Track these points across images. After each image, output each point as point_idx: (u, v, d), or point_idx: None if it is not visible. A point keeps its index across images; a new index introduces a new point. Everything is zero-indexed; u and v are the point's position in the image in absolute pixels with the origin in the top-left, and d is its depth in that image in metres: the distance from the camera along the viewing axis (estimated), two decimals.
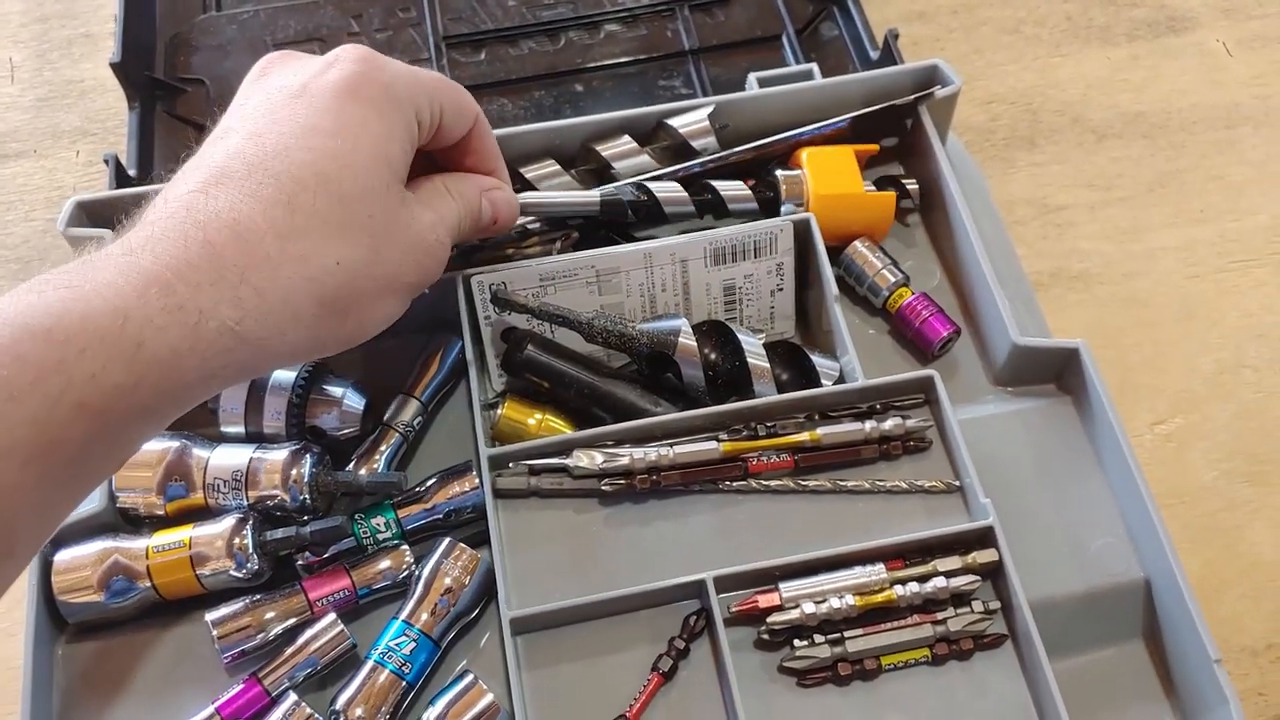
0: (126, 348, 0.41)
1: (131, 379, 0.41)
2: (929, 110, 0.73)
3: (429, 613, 0.58)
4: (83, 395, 0.39)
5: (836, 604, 0.58)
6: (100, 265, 0.42)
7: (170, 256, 0.43)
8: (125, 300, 0.41)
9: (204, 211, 0.45)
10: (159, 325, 0.42)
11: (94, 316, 0.40)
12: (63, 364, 0.39)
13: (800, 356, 0.67)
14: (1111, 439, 0.63)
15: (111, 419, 0.41)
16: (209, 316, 0.43)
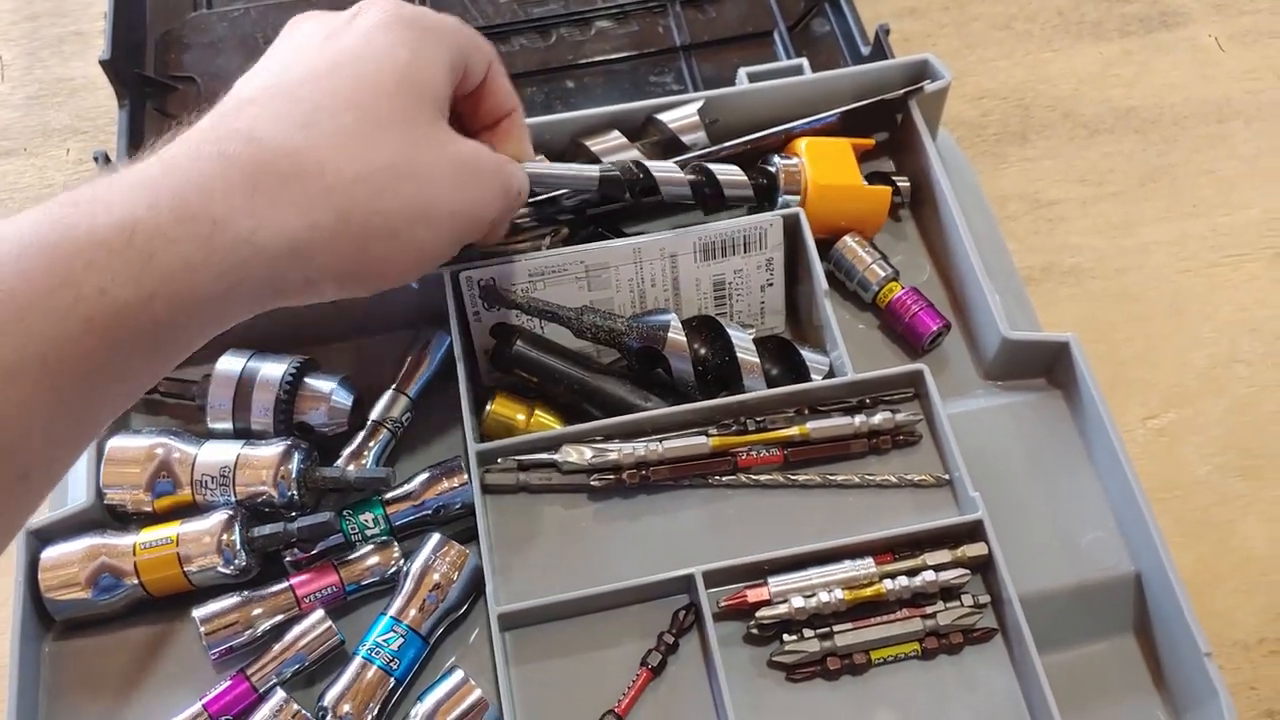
0: (136, 260, 0.39)
1: (143, 293, 0.40)
2: (919, 105, 0.73)
3: (417, 609, 0.58)
4: (91, 310, 0.38)
5: (825, 598, 0.58)
6: (112, 182, 0.41)
7: (183, 169, 0.42)
8: (134, 211, 0.40)
9: (221, 129, 0.45)
10: (170, 236, 0.40)
11: (101, 229, 0.39)
12: (70, 278, 0.38)
13: (790, 351, 0.67)
14: (1102, 432, 0.63)
15: (123, 335, 0.40)
16: (223, 226, 0.42)
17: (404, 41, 0.50)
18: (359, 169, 0.46)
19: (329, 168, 0.45)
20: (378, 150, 0.47)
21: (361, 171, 0.46)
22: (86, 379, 0.39)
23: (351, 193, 0.46)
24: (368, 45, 0.49)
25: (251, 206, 0.43)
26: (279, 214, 0.44)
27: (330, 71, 0.48)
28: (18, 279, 0.37)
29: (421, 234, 0.49)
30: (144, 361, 0.42)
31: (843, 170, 0.69)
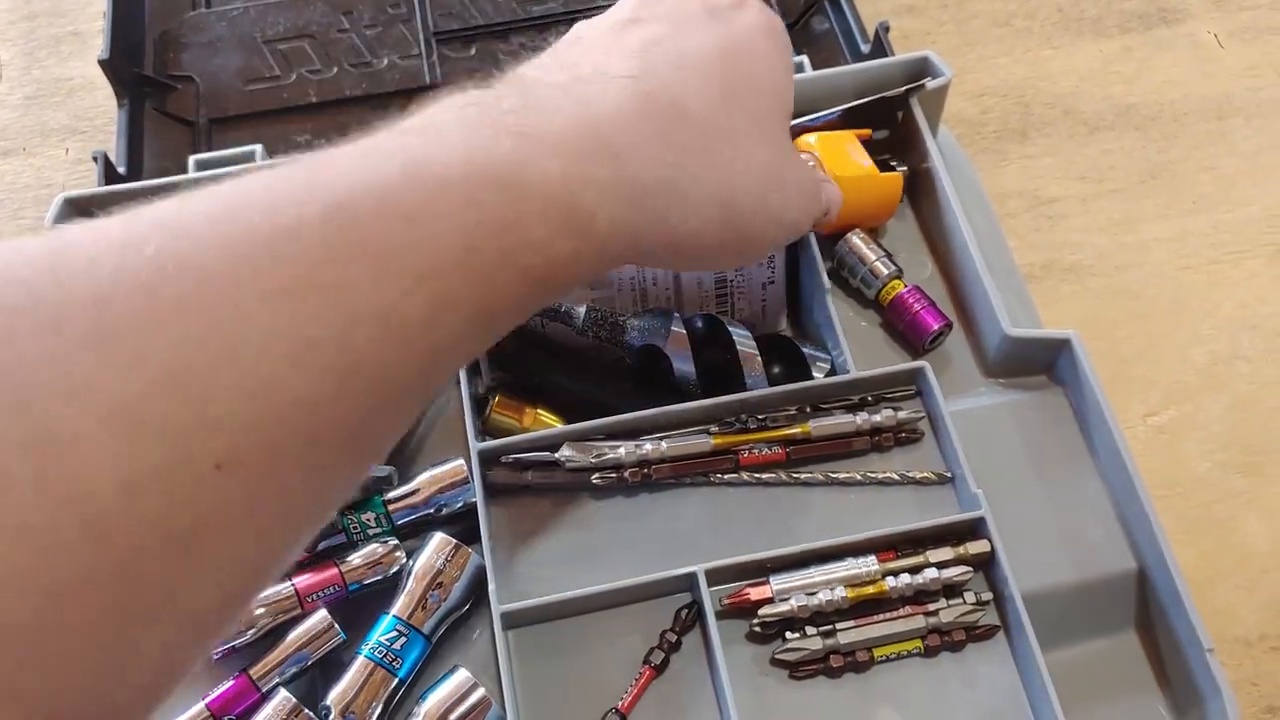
0: (581, 218, 0.39)
1: (580, 245, 0.39)
2: (920, 102, 0.73)
3: (420, 608, 0.58)
4: (528, 260, 0.37)
5: (828, 596, 0.58)
6: (551, 110, 0.40)
7: (614, 118, 0.42)
8: (582, 164, 0.39)
9: (647, 82, 0.44)
10: (606, 193, 0.40)
11: (551, 179, 0.38)
12: (519, 222, 0.37)
13: (792, 349, 0.67)
14: (1103, 429, 0.63)
15: (542, 291, 0.39)
16: (650, 194, 0.42)
17: (780, 52, 0.51)
18: (749, 164, 0.47)
19: (729, 157, 0.46)
20: (761, 150, 0.48)
21: (750, 167, 0.47)
22: (497, 322, 0.39)
23: (738, 185, 0.47)
24: (754, 43, 0.50)
25: (665, 177, 0.43)
26: (681, 190, 0.44)
27: (723, 56, 0.48)
28: (471, 211, 0.36)
29: (771, 235, 0.51)
30: (537, 308, 0.42)
31: (855, 160, 0.70)
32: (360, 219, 0.34)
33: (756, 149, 0.48)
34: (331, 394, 0.32)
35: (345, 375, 0.33)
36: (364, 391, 0.33)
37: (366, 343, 0.33)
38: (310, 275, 0.32)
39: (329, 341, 0.32)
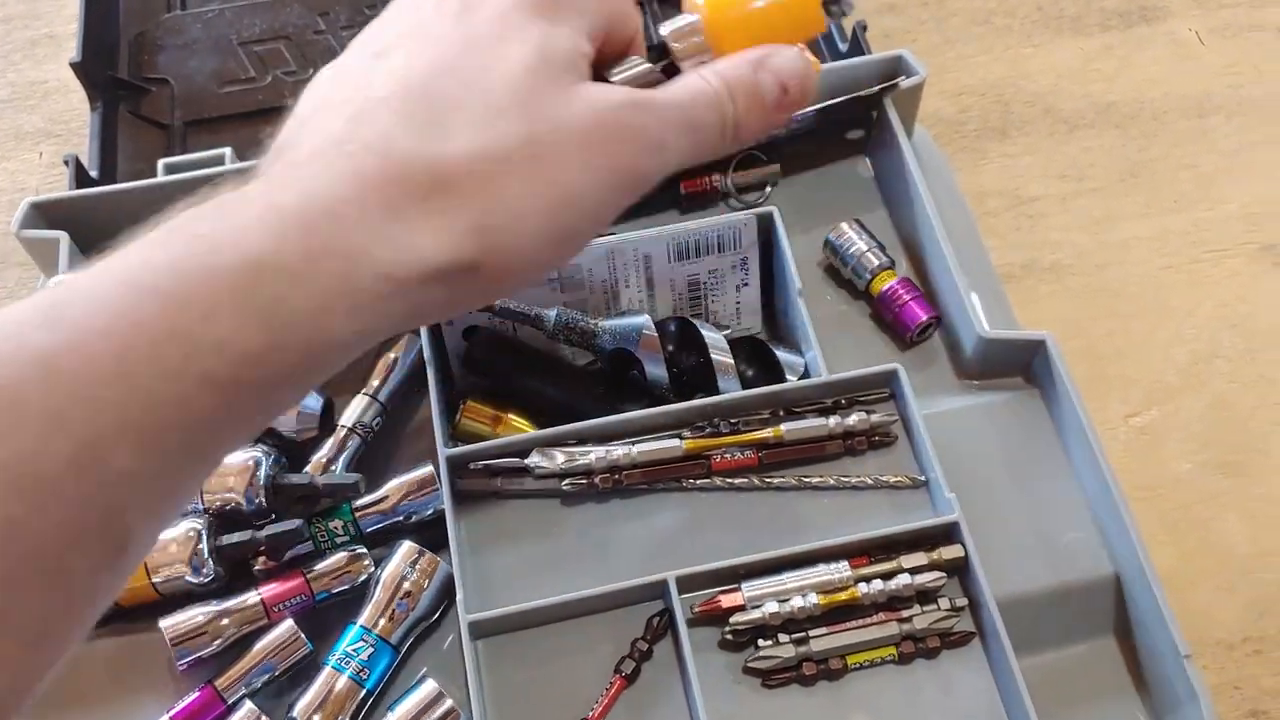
0: (262, 305, 0.34)
1: (267, 342, 0.35)
2: (895, 101, 0.73)
3: (387, 618, 0.57)
4: (210, 366, 0.33)
5: (800, 603, 0.57)
6: (233, 205, 0.36)
7: (312, 192, 0.37)
8: (260, 246, 0.35)
9: (354, 141, 0.39)
10: (298, 275, 0.35)
11: (222, 272, 0.34)
12: (186, 330, 0.33)
13: (765, 352, 0.66)
14: (1079, 432, 0.62)
15: (243, 391, 0.35)
16: (360, 261, 0.37)
17: (541, 14, 0.44)
18: (489, 168, 0.40)
19: (461, 174, 0.40)
20: (503, 140, 0.41)
21: (491, 170, 0.40)
22: (198, 440, 0.34)
23: (486, 198, 0.40)
24: (503, 25, 0.43)
25: (390, 233, 0.37)
26: (419, 240, 0.38)
27: (459, 57, 0.42)
28: (126, 332, 0.32)
29: (565, 220, 0.42)
30: (261, 413, 0.37)
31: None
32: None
33: (497, 144, 0.41)
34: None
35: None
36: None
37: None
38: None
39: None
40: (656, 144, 0.44)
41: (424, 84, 0.41)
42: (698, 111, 0.45)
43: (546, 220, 0.41)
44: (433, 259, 0.38)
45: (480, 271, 0.40)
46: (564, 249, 0.44)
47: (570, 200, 0.42)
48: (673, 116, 0.44)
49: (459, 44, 0.43)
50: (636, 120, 0.43)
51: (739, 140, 0.47)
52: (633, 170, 0.43)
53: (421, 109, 0.40)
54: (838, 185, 0.74)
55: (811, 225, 0.72)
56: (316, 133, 0.40)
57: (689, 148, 0.45)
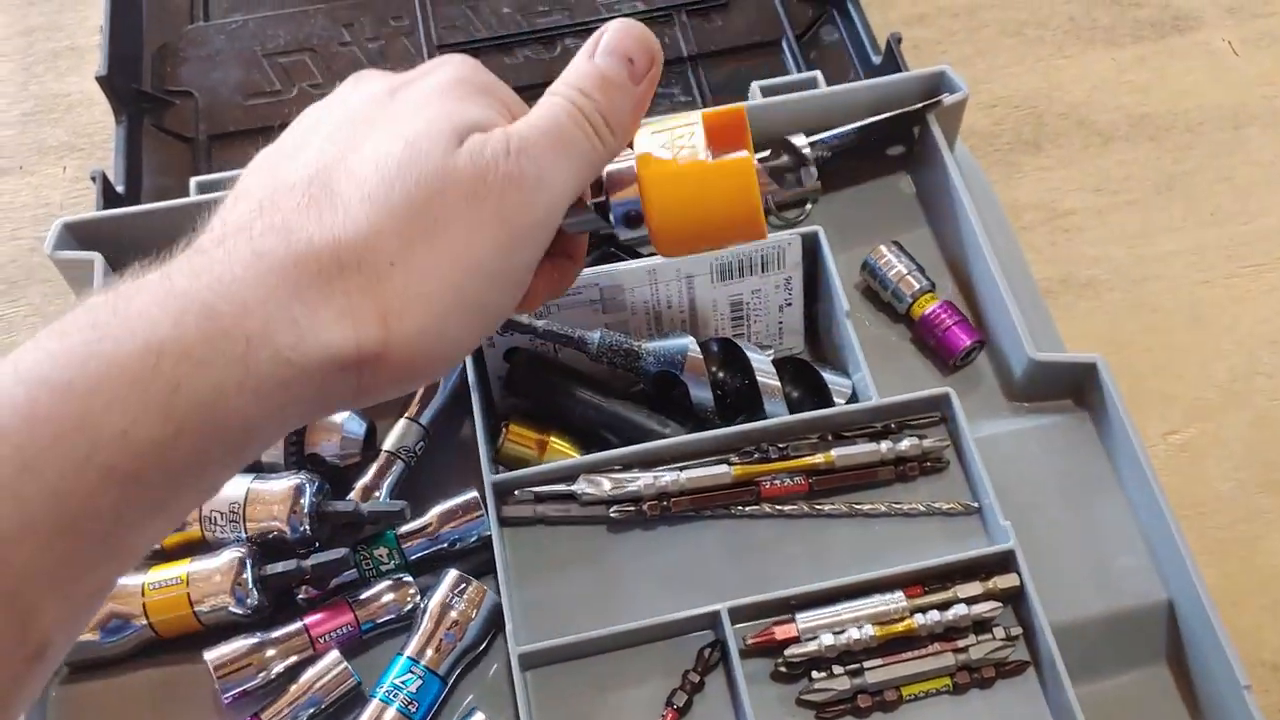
0: (161, 392, 0.34)
1: (170, 429, 0.34)
2: (937, 117, 0.72)
3: (434, 649, 0.57)
4: (112, 457, 0.33)
5: (855, 634, 0.56)
6: (132, 295, 0.35)
7: (212, 274, 0.36)
8: (158, 333, 0.34)
9: (258, 225, 0.38)
10: (199, 359, 0.35)
11: (122, 359, 0.34)
12: (86, 422, 0.33)
13: (811, 373, 0.66)
14: (1131, 456, 0.61)
15: (150, 479, 0.34)
16: (260, 343, 0.36)
17: (460, 96, 0.43)
18: (388, 244, 0.39)
19: (361, 253, 0.39)
20: (396, 213, 0.40)
21: (389, 247, 0.39)
22: (108, 532, 0.34)
23: (388, 278, 0.39)
24: (421, 105, 0.42)
25: (291, 316, 0.37)
26: (321, 323, 0.37)
27: (369, 139, 0.42)
28: (26, 428, 0.32)
29: (471, 291, 0.41)
30: (175, 501, 0.36)
31: (679, 151, 0.49)
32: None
33: (396, 222, 0.39)
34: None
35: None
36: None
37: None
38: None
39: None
40: (536, 180, 0.42)
41: (331, 168, 0.41)
42: (562, 128, 0.44)
43: (452, 295, 0.40)
44: (335, 344, 0.37)
45: (387, 358, 0.39)
46: (476, 323, 0.42)
47: (472, 266, 0.40)
48: (542, 145, 0.43)
49: (374, 126, 0.42)
50: (513, 166, 0.42)
51: (621, 133, 0.45)
52: (523, 215, 0.42)
53: (325, 193, 0.40)
54: (879, 202, 0.73)
55: (853, 243, 0.71)
56: (225, 220, 0.40)
57: (572, 169, 0.44)
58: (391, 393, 0.41)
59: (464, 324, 0.41)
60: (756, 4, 0.92)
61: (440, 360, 0.41)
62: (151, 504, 0.35)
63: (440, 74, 0.44)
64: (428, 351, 0.40)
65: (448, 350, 0.41)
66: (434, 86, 0.43)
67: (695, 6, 0.92)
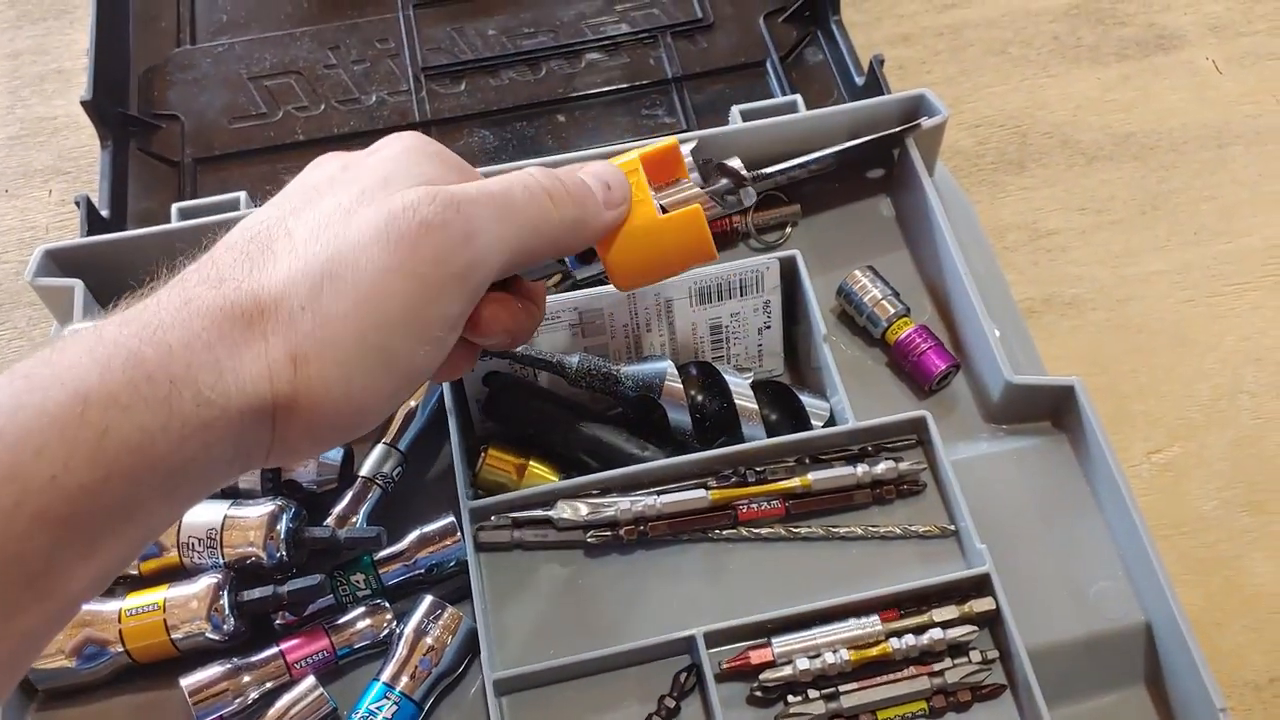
0: (90, 437, 0.34)
1: (99, 474, 0.35)
2: (916, 140, 0.72)
3: (409, 674, 0.57)
4: (42, 503, 0.33)
5: (831, 658, 0.56)
6: (66, 346, 0.37)
7: (140, 322, 0.38)
8: (86, 380, 0.35)
9: (193, 278, 0.40)
10: (124, 404, 0.35)
11: (51, 407, 0.34)
12: (16, 469, 0.33)
13: (789, 397, 0.66)
14: (1109, 479, 0.61)
15: (80, 524, 0.35)
16: (182, 385, 0.37)
17: (408, 161, 0.45)
18: (302, 289, 0.40)
19: (279, 298, 0.40)
20: (313, 259, 0.41)
21: (303, 292, 0.40)
22: (41, 576, 0.34)
23: (300, 322, 0.39)
24: (370, 170, 0.44)
25: (213, 358, 0.38)
26: (240, 365, 0.38)
27: (311, 200, 0.43)
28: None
29: (377, 339, 0.41)
30: (106, 542, 0.36)
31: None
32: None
33: (310, 265, 0.41)
34: None
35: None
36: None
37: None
38: None
39: None
40: (462, 233, 0.42)
41: (271, 228, 0.42)
42: (509, 193, 0.45)
43: (355, 342, 0.40)
44: (250, 384, 0.38)
45: (298, 405, 0.40)
46: (383, 374, 0.42)
47: (377, 315, 0.40)
48: (480, 203, 0.43)
49: (319, 193, 0.44)
50: (433, 213, 0.42)
51: (581, 226, 0.47)
52: (438, 265, 0.42)
53: (260, 249, 0.41)
54: (858, 225, 0.74)
55: (833, 266, 0.71)
56: (168, 281, 0.41)
57: (513, 231, 0.44)
58: (306, 448, 0.42)
59: (370, 373, 0.41)
60: (741, 26, 0.93)
61: (351, 412, 0.41)
62: (84, 547, 0.35)
63: (392, 147, 0.46)
64: (335, 400, 0.40)
65: (357, 400, 0.41)
66: (384, 157, 0.45)
67: (680, 28, 0.93)
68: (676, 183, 0.51)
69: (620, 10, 0.94)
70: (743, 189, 0.54)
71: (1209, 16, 0.99)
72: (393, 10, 0.95)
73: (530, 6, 0.94)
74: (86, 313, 0.67)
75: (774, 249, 0.72)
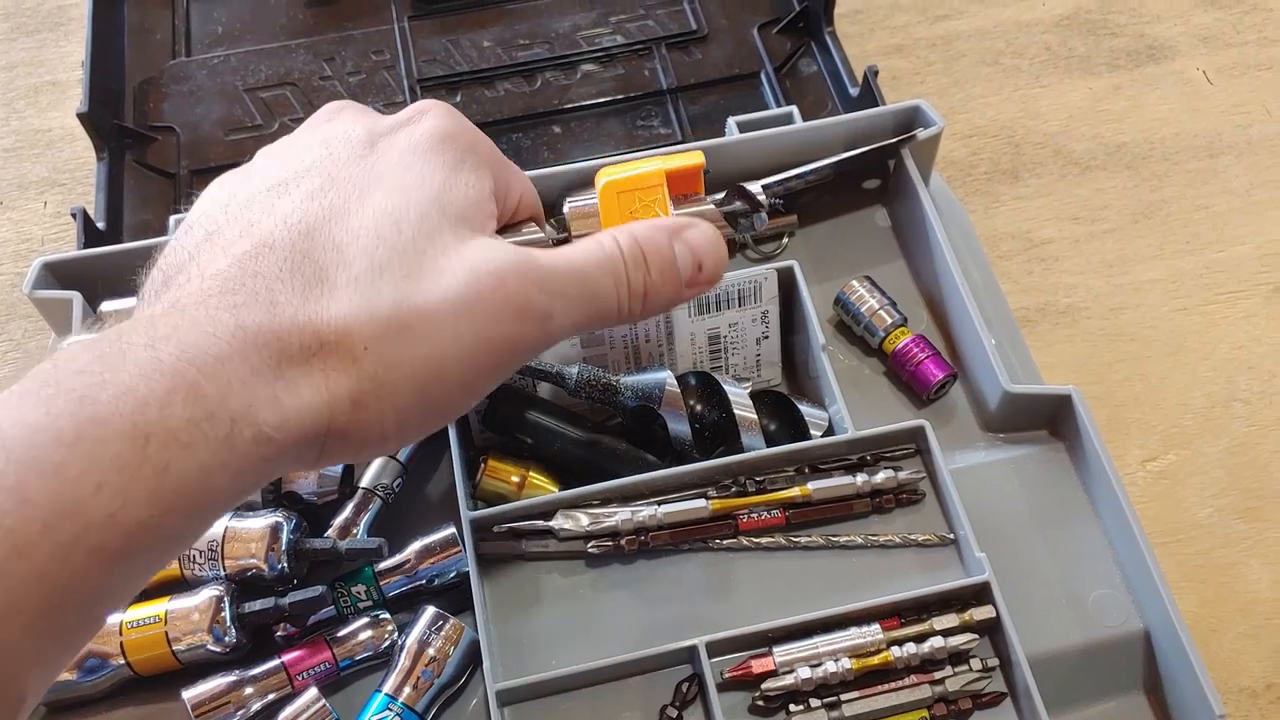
0: (150, 476, 0.34)
1: (157, 511, 0.34)
2: (911, 151, 0.72)
3: (412, 686, 0.57)
4: (101, 539, 0.33)
5: (832, 667, 0.57)
6: (118, 363, 0.35)
7: (198, 349, 0.36)
8: (147, 414, 0.34)
9: (241, 292, 0.38)
10: (185, 442, 0.35)
11: (112, 440, 0.33)
12: (78, 506, 0.33)
13: (788, 406, 0.66)
14: (1106, 487, 0.62)
15: (132, 558, 0.34)
16: (243, 423, 0.36)
17: (445, 162, 0.43)
18: (367, 331, 0.39)
19: (341, 336, 0.39)
20: (379, 303, 0.40)
21: (368, 335, 0.39)
22: (87, 606, 0.34)
23: (363, 363, 0.39)
24: (404, 170, 0.43)
25: (273, 394, 0.37)
26: (301, 402, 0.38)
27: (353, 203, 0.41)
28: (17, 510, 0.32)
29: (433, 394, 0.41)
30: (147, 571, 0.36)
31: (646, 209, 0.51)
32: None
33: (378, 305, 0.40)
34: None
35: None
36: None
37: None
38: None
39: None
40: (540, 316, 0.42)
41: (312, 233, 0.40)
42: (594, 282, 0.44)
43: (414, 395, 0.40)
44: (311, 423, 0.38)
45: (350, 438, 0.40)
46: (431, 421, 0.42)
47: (440, 374, 0.40)
48: (563, 285, 0.43)
49: (357, 188, 0.42)
50: (519, 291, 0.41)
51: (646, 312, 0.46)
52: (509, 342, 0.42)
53: (309, 264, 0.39)
54: (855, 235, 0.74)
55: (830, 276, 0.72)
56: (203, 271, 0.39)
57: (582, 319, 0.44)
58: (342, 462, 0.42)
59: (422, 420, 0.41)
60: (735, 37, 0.93)
61: (395, 443, 0.42)
62: (132, 577, 0.35)
63: (422, 126, 0.44)
64: (383, 435, 0.40)
65: (404, 436, 0.41)
66: (418, 143, 0.44)
67: (675, 40, 0.93)
68: (692, 198, 0.50)
69: (615, 22, 0.94)
70: (756, 214, 0.54)
71: (1199, 28, 0.99)
72: (388, 22, 0.95)
73: (525, 18, 0.95)
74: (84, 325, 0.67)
75: (771, 259, 0.72)
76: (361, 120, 0.45)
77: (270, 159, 0.44)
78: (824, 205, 0.74)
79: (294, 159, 0.43)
